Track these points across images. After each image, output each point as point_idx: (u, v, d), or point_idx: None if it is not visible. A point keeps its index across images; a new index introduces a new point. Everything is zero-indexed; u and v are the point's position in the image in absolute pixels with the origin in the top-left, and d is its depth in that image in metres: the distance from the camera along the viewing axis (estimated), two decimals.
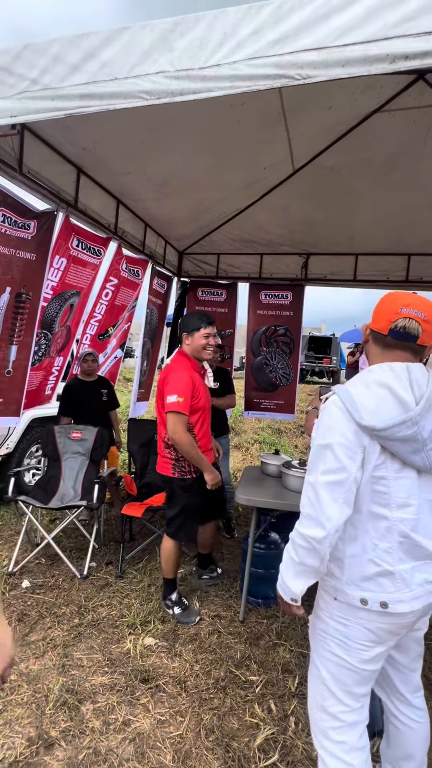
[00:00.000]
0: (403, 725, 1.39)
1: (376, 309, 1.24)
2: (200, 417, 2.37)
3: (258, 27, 1.33)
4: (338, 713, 1.25)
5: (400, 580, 1.16)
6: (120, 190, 2.95)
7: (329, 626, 1.24)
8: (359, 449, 1.13)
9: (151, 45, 1.42)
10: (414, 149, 2.77)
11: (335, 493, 1.12)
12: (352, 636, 1.20)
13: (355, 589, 1.19)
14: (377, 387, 1.14)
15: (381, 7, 1.22)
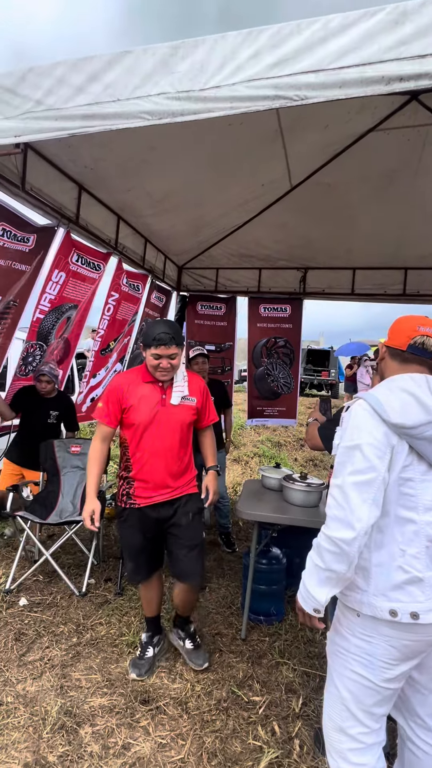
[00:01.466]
0: (421, 752, 1.33)
1: (393, 328, 1.34)
2: (136, 435, 1.97)
3: (257, 51, 1.37)
4: (358, 734, 1.23)
5: (429, 588, 1.15)
6: (120, 207, 3.00)
7: (351, 643, 1.22)
8: (388, 449, 1.15)
9: (152, 68, 1.46)
10: (409, 166, 2.83)
11: (365, 494, 1.13)
12: (376, 654, 1.18)
13: (384, 600, 1.16)
14: (401, 392, 1.20)
15: (376, 31, 1.26)
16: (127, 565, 2.14)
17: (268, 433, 8.67)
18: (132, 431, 1.97)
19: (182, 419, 2.01)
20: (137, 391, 1.96)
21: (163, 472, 1.99)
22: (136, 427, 1.96)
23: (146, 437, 1.96)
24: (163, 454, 1.97)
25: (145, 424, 1.95)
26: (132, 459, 1.99)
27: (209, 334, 4.51)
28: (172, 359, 1.93)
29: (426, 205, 3.13)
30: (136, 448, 1.98)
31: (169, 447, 1.98)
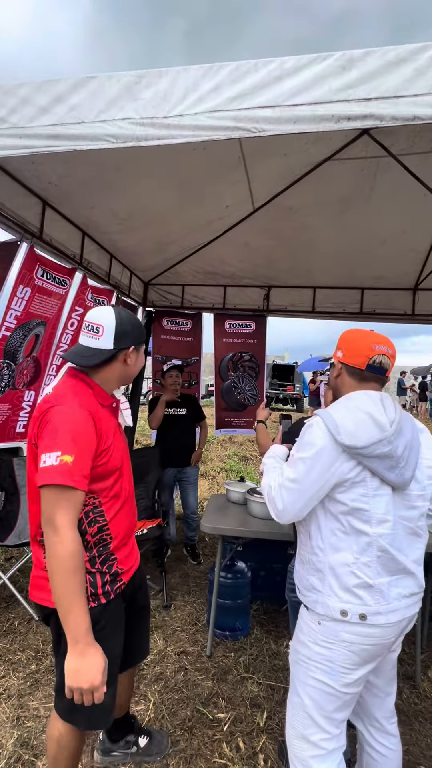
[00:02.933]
0: (379, 754, 1.39)
1: (349, 346, 1.39)
2: (114, 486, 1.35)
3: (218, 84, 1.45)
4: (319, 741, 1.27)
5: (378, 593, 1.23)
6: (85, 223, 3.01)
7: (313, 651, 1.27)
8: (333, 467, 1.23)
9: (117, 94, 1.51)
10: (363, 194, 3.02)
11: (292, 497, 1.26)
12: (336, 660, 1.23)
13: (336, 601, 1.23)
14: (357, 411, 1.27)
15: (326, 75, 1.37)
16: (105, 695, 1.17)
17: (235, 447, 8.73)
18: (107, 485, 1.33)
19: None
20: (106, 425, 1.33)
21: (134, 521, 1.49)
22: (114, 476, 1.36)
23: (120, 487, 1.39)
24: (131, 500, 1.47)
25: (127, 467, 1.44)
26: (110, 525, 1.33)
27: (176, 349, 4.55)
28: None
29: (379, 230, 3.34)
30: (116, 510, 1.35)
31: (132, 487, 1.50)
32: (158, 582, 3.06)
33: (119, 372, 1.40)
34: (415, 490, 1.28)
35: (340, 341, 1.45)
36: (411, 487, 1.27)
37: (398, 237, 3.41)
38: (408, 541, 1.27)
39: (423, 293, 4.02)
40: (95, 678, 1.09)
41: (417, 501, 1.29)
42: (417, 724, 2.02)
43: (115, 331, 1.35)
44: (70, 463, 1.14)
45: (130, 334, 1.38)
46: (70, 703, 1.20)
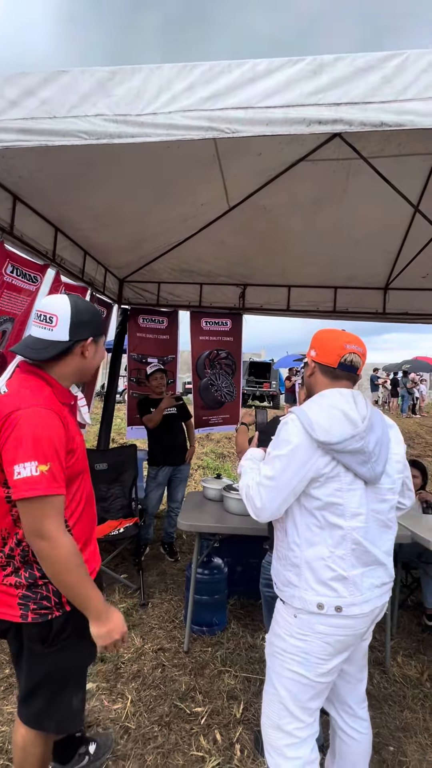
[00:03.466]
0: (350, 738, 1.45)
1: (321, 346, 1.43)
2: (78, 489, 1.31)
3: (191, 84, 1.45)
4: (293, 730, 1.31)
5: (353, 585, 1.27)
6: (58, 219, 2.95)
7: (288, 644, 1.30)
8: (309, 464, 1.25)
9: (89, 89, 1.49)
10: (335, 195, 3.09)
11: (270, 495, 1.28)
12: (311, 651, 1.27)
13: (313, 594, 1.26)
14: (330, 408, 1.30)
15: (298, 78, 1.40)
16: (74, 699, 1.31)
17: (212, 445, 8.77)
18: (72, 488, 1.27)
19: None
20: (70, 422, 1.27)
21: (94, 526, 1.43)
22: (80, 478, 1.30)
23: (83, 489, 1.33)
24: (92, 501, 1.40)
25: (86, 469, 1.35)
26: (73, 530, 1.28)
27: (152, 347, 4.53)
28: None
29: (351, 230, 3.42)
30: (75, 508, 1.30)
31: (91, 487, 1.42)
32: (135, 581, 3.06)
33: (76, 366, 1.30)
34: (386, 484, 1.33)
35: (314, 341, 1.48)
36: (382, 481, 1.32)
37: (370, 238, 3.50)
38: (379, 533, 1.32)
39: (393, 293, 4.14)
40: (122, 629, 1.24)
41: (387, 494, 1.34)
42: (386, 707, 2.10)
43: (70, 322, 1.25)
44: (46, 471, 1.12)
45: (87, 324, 1.29)
46: (38, 709, 1.26)
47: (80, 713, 1.34)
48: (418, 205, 2.84)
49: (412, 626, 2.81)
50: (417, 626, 2.82)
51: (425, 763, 1.81)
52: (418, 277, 3.91)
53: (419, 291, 4.08)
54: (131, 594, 2.99)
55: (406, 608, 3.02)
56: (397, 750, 1.87)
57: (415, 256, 3.54)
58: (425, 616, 2.80)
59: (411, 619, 2.89)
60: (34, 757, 1.33)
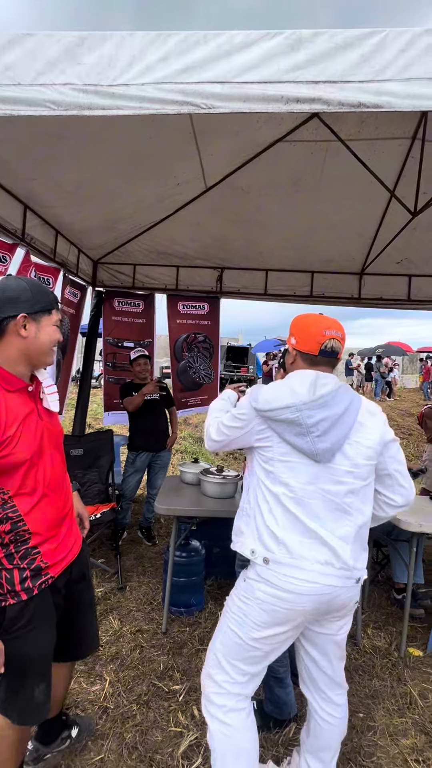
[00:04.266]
0: (324, 722, 1.50)
1: (301, 333, 1.45)
2: (26, 481, 1.26)
3: (165, 54, 1.39)
4: (221, 681, 1.41)
5: (284, 546, 1.32)
6: (27, 195, 2.82)
7: (234, 603, 1.42)
8: (247, 428, 1.42)
9: (57, 55, 1.41)
10: (312, 177, 3.07)
11: (221, 437, 1.49)
12: (249, 614, 1.36)
13: (251, 542, 1.38)
14: (282, 386, 1.40)
15: (276, 53, 1.36)
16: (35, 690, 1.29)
17: (190, 429, 8.79)
18: (15, 478, 1.24)
19: (60, 428, 1.46)
20: (11, 413, 1.23)
21: (66, 511, 1.41)
22: (23, 469, 1.25)
23: (39, 474, 1.30)
24: (61, 486, 1.39)
25: (36, 455, 1.29)
26: (26, 520, 1.26)
27: (128, 331, 4.45)
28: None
29: (328, 213, 3.41)
30: (24, 501, 1.26)
31: (63, 474, 1.41)
32: (113, 565, 3.06)
33: (18, 347, 1.25)
34: (344, 466, 1.33)
35: (293, 328, 1.49)
36: (337, 461, 1.32)
37: (346, 221, 3.51)
38: (332, 515, 1.32)
39: (369, 278, 4.19)
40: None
41: (345, 477, 1.33)
42: (357, 677, 2.20)
43: None
44: None
45: (16, 300, 1.23)
46: (2, 697, 1.26)
47: (44, 705, 1.32)
48: (394, 190, 2.85)
49: (382, 600, 2.94)
50: (386, 600, 2.95)
51: (392, 727, 1.91)
52: (392, 262, 3.96)
53: (393, 276, 4.14)
54: (109, 578, 3.00)
55: (377, 583, 3.15)
56: (367, 716, 1.97)
57: (391, 242, 3.57)
58: (394, 590, 2.93)
59: (381, 594, 3.01)
60: (6, 740, 1.32)
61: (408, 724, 1.93)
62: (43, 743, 1.63)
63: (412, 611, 2.66)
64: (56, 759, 1.65)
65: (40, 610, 1.23)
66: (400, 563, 2.81)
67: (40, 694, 1.29)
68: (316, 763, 1.51)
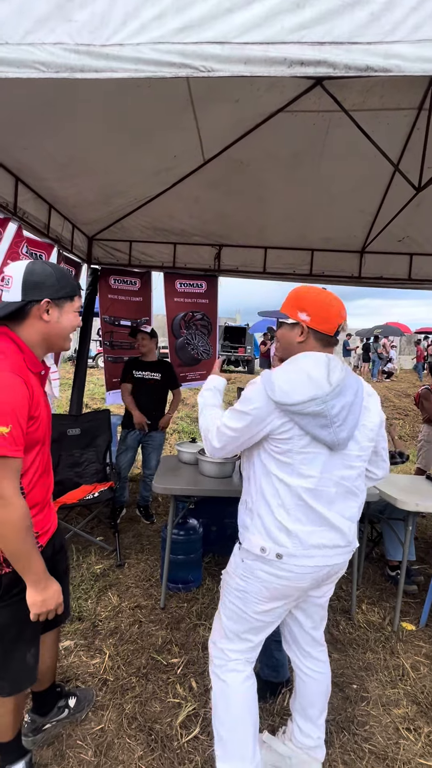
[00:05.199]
0: (308, 677, 1.57)
1: (319, 312, 1.35)
2: (36, 459, 1.32)
3: (161, 12, 1.30)
4: (225, 648, 1.47)
5: (296, 538, 1.31)
6: (18, 167, 2.71)
7: (234, 581, 1.43)
8: (263, 423, 1.30)
9: (47, 12, 1.32)
10: (314, 150, 2.96)
11: (226, 441, 1.37)
12: (250, 591, 1.38)
13: (259, 538, 1.34)
14: (297, 372, 1.31)
15: (279, 11, 1.27)
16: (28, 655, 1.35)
17: (187, 409, 8.80)
18: (30, 456, 1.29)
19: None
20: (35, 389, 1.28)
21: (51, 487, 1.46)
22: (37, 448, 1.32)
23: (43, 457, 1.36)
24: (49, 471, 1.44)
25: (45, 439, 1.36)
26: (28, 496, 1.31)
27: (124, 310, 4.38)
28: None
29: (330, 188, 3.32)
30: (32, 476, 1.32)
31: (49, 458, 1.45)
32: (112, 542, 3.10)
33: (40, 331, 1.30)
34: (354, 451, 1.34)
35: (306, 303, 1.36)
36: (350, 447, 1.33)
37: (348, 197, 3.42)
38: (343, 498, 1.34)
39: (369, 256, 4.11)
40: (58, 599, 1.30)
41: (356, 461, 1.35)
42: (351, 650, 2.26)
43: (22, 282, 1.26)
44: (6, 434, 1.14)
45: (41, 285, 1.27)
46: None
47: (34, 669, 1.39)
48: (399, 164, 2.76)
49: (376, 577, 3.00)
50: (380, 576, 3.00)
51: (384, 697, 1.97)
52: (394, 240, 3.88)
53: (394, 255, 4.06)
54: (107, 555, 3.04)
55: (371, 560, 3.20)
56: (360, 687, 2.02)
57: (393, 218, 3.49)
58: (387, 567, 2.99)
59: (375, 570, 3.07)
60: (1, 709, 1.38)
61: (400, 694, 1.99)
62: (39, 714, 1.67)
63: (405, 587, 2.72)
64: (56, 729, 1.69)
65: (18, 590, 1.29)
66: (393, 541, 2.85)
67: (32, 657, 1.38)
68: (304, 722, 1.58)
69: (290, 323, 1.39)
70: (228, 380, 1.76)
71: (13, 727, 1.43)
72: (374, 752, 1.70)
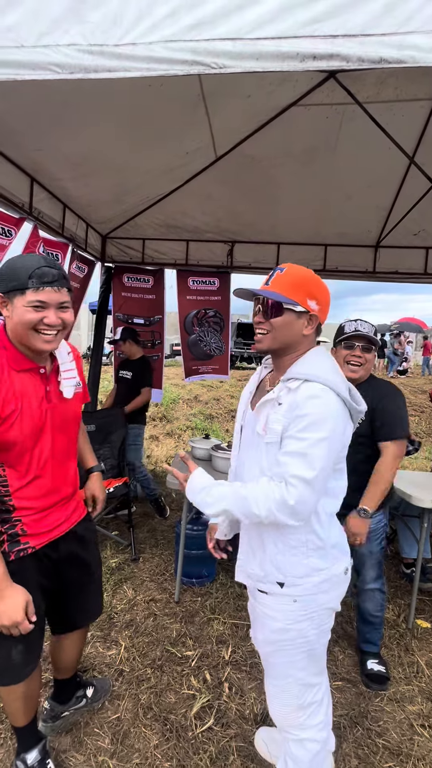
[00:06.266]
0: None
1: (323, 299, 1.21)
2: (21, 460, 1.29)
3: (173, 9, 1.31)
4: (313, 697, 1.27)
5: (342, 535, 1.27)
6: (33, 168, 2.76)
7: (294, 631, 1.19)
8: (342, 437, 1.15)
9: (61, 13, 1.34)
10: (328, 145, 2.93)
11: (311, 488, 1.08)
12: (320, 624, 1.21)
13: (343, 563, 1.23)
14: (338, 374, 1.18)
15: (292, 5, 1.27)
16: (13, 651, 1.32)
17: (201, 406, 8.83)
18: (11, 455, 1.26)
19: (75, 414, 1.43)
20: (11, 390, 1.23)
21: (60, 490, 1.41)
22: (17, 449, 1.26)
23: (35, 451, 1.31)
24: (59, 469, 1.39)
25: (31, 435, 1.28)
26: (14, 496, 1.30)
27: (137, 308, 4.42)
28: (63, 311, 1.25)
29: (343, 184, 3.28)
30: (17, 478, 1.29)
31: (65, 457, 1.41)
32: (127, 537, 3.14)
33: (10, 327, 1.24)
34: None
35: (316, 290, 1.20)
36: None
37: (363, 192, 3.37)
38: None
39: (384, 251, 4.06)
40: (15, 614, 1.20)
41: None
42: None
43: None
44: None
45: (3, 277, 1.22)
46: None
47: (21, 667, 1.34)
48: (414, 156, 2.72)
49: (391, 574, 2.98)
50: (395, 574, 2.98)
51: (399, 694, 1.96)
52: (409, 234, 3.82)
53: (410, 249, 4.00)
54: (122, 550, 3.08)
55: (386, 557, 3.18)
56: None
57: (409, 211, 3.43)
58: (402, 564, 2.96)
59: (390, 567, 3.05)
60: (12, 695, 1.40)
61: (414, 691, 1.98)
62: (58, 702, 1.71)
63: (420, 585, 2.69)
64: (74, 717, 1.74)
65: (17, 578, 1.25)
66: (408, 538, 2.83)
67: (19, 654, 1.32)
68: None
69: (298, 311, 1.18)
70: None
71: (25, 712, 1.44)
72: (388, 747, 1.70)
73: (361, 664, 2.08)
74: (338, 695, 1.92)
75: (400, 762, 1.64)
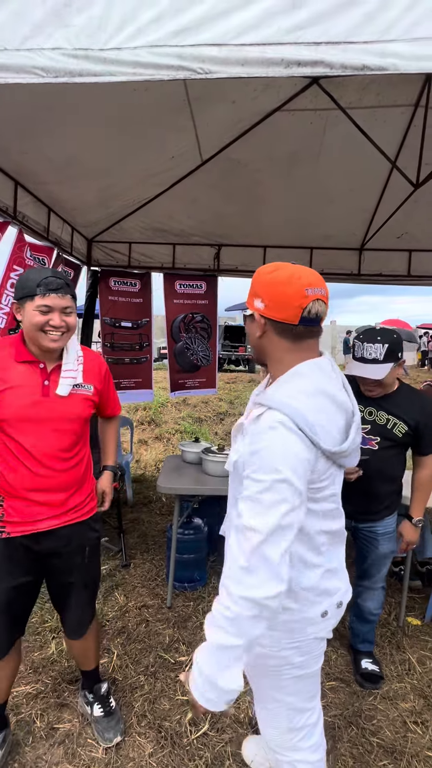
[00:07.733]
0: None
1: (273, 295, 1.01)
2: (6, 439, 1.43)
3: (159, 15, 1.32)
4: (306, 720, 1.22)
5: (342, 572, 1.15)
6: (17, 171, 2.73)
7: (281, 657, 1.12)
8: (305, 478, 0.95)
9: (44, 17, 1.33)
10: (311, 149, 2.97)
11: (289, 536, 0.91)
12: (308, 651, 1.12)
13: (317, 608, 1.08)
14: (319, 396, 0.99)
15: (275, 12, 1.28)
16: None
17: (189, 409, 8.81)
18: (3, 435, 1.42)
19: (74, 415, 1.52)
20: (9, 374, 1.42)
21: (47, 486, 1.48)
22: (6, 426, 1.42)
23: (20, 438, 1.42)
24: (46, 461, 1.46)
25: (17, 418, 1.41)
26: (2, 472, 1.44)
27: (124, 311, 4.39)
28: (67, 315, 1.43)
29: (328, 187, 3.33)
30: (4, 458, 1.43)
31: (53, 453, 1.47)
32: (117, 543, 3.11)
33: (24, 328, 1.44)
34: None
35: (258, 285, 1.05)
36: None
37: (346, 195, 3.42)
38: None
39: (369, 253, 4.12)
40: None
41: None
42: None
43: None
44: None
45: (16, 288, 1.45)
46: None
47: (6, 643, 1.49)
48: (396, 161, 2.77)
49: None
50: None
51: (391, 692, 1.98)
52: (393, 237, 3.89)
53: (393, 251, 4.07)
54: (113, 556, 3.05)
55: None
56: None
57: (392, 215, 3.49)
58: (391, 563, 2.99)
59: None
60: None
61: (407, 688, 2.00)
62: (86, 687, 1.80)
63: (410, 583, 2.72)
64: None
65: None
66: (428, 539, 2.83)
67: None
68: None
69: (248, 314, 1.07)
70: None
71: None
72: (382, 746, 1.71)
73: (355, 663, 2.09)
74: (332, 695, 1.93)
75: (395, 759, 1.65)
